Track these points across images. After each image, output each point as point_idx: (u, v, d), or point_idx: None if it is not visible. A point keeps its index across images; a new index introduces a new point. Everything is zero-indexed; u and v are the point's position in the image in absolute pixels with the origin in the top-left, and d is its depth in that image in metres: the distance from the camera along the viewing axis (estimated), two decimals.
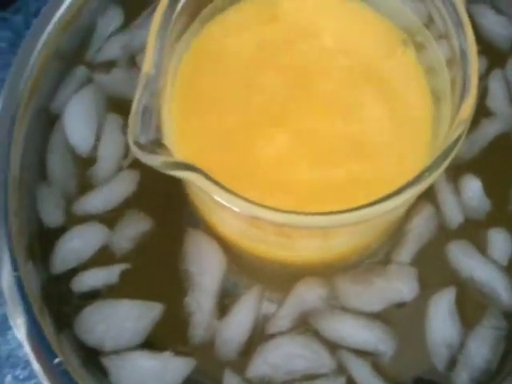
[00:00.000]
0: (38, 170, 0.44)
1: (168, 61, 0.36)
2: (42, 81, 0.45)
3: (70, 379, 0.37)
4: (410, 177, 0.32)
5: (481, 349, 0.39)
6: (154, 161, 0.31)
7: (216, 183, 0.31)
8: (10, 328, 0.44)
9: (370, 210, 0.31)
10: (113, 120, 0.45)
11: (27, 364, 0.44)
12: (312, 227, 0.32)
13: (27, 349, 0.37)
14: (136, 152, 0.31)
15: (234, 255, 0.41)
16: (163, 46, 0.34)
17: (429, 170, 0.32)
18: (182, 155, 0.33)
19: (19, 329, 0.37)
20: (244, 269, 0.42)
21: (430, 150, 0.36)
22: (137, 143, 0.31)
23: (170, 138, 0.34)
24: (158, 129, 0.32)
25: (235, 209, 0.31)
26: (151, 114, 0.32)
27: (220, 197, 0.31)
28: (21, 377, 0.44)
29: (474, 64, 0.34)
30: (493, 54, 0.46)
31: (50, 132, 0.45)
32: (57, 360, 0.37)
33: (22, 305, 0.38)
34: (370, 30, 0.40)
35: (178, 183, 0.37)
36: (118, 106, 0.46)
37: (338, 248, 0.39)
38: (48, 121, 0.45)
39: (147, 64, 0.33)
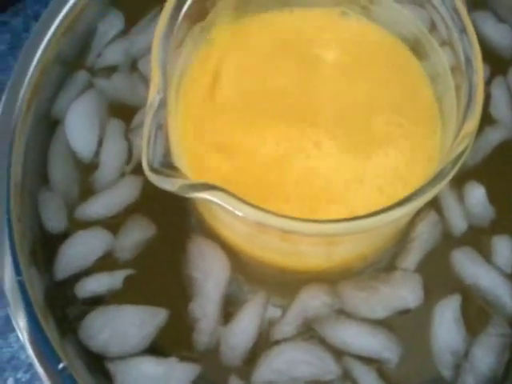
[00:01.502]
0: (40, 176, 0.44)
1: (170, 74, 0.35)
2: (43, 86, 0.44)
3: None
4: (418, 181, 0.32)
5: (486, 356, 0.39)
6: (172, 185, 0.31)
7: (241, 200, 0.31)
8: (12, 330, 0.44)
9: (375, 220, 0.31)
10: (114, 125, 0.45)
11: (29, 367, 0.44)
12: (318, 235, 0.32)
13: (30, 352, 0.37)
14: (152, 178, 0.31)
15: (238, 261, 0.41)
16: (166, 66, 0.34)
17: (433, 182, 0.32)
18: (192, 175, 0.33)
19: (22, 332, 0.37)
20: (248, 275, 0.42)
21: (436, 159, 0.36)
22: (152, 169, 0.31)
23: (179, 158, 0.34)
24: (168, 151, 0.32)
25: (266, 225, 0.31)
26: (161, 138, 0.32)
27: (246, 213, 0.30)
28: (23, 380, 0.44)
29: (480, 72, 0.34)
30: (495, 61, 0.46)
31: (52, 137, 0.45)
32: (61, 365, 0.37)
33: (26, 309, 0.38)
34: (373, 42, 0.41)
35: None
36: (120, 111, 0.46)
37: (342, 255, 0.39)
38: (49, 126, 0.45)
39: (154, 89, 0.33)
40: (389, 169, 0.37)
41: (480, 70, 0.34)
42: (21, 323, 0.38)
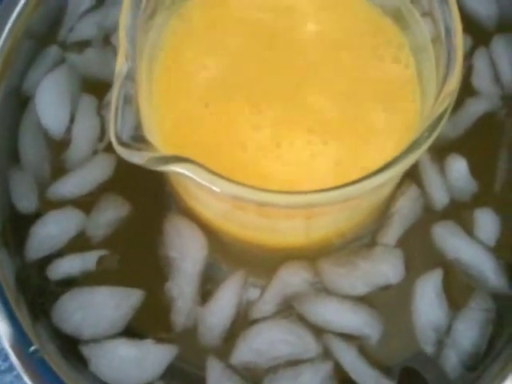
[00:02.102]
0: (10, 154, 0.43)
1: (141, 45, 0.34)
2: (13, 61, 0.43)
3: (47, 369, 0.36)
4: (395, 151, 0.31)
5: (469, 331, 0.38)
6: (141, 158, 0.29)
7: (213, 173, 0.30)
8: None
9: (353, 188, 0.30)
10: (87, 101, 0.44)
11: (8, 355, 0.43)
12: (293, 206, 0.31)
13: (3, 339, 0.36)
14: (121, 151, 0.30)
15: (216, 240, 0.40)
16: (135, 34, 0.33)
17: (413, 145, 0.31)
18: (166, 149, 0.32)
19: None
20: (227, 254, 0.41)
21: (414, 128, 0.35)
22: (121, 143, 0.30)
23: (151, 132, 0.33)
24: (139, 124, 0.30)
25: (237, 197, 0.30)
26: (131, 109, 0.31)
27: (218, 186, 0.30)
28: (2, 368, 0.43)
29: (459, 37, 0.33)
30: (477, 32, 0.45)
31: (22, 114, 0.44)
32: (32, 348, 0.36)
33: None
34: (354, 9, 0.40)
35: None
36: (93, 86, 0.45)
37: (320, 231, 0.39)
38: (19, 102, 0.44)
39: (121, 57, 0.31)
40: (366, 139, 0.36)
41: (459, 32, 0.33)
42: None
